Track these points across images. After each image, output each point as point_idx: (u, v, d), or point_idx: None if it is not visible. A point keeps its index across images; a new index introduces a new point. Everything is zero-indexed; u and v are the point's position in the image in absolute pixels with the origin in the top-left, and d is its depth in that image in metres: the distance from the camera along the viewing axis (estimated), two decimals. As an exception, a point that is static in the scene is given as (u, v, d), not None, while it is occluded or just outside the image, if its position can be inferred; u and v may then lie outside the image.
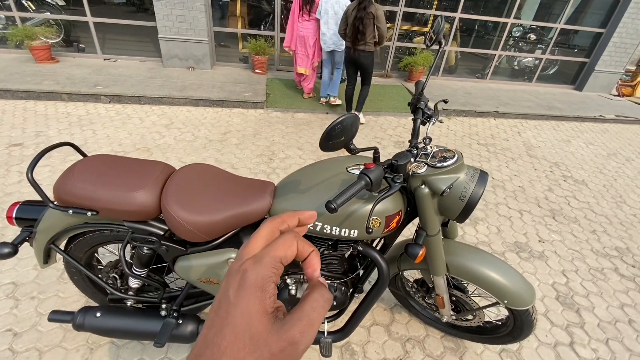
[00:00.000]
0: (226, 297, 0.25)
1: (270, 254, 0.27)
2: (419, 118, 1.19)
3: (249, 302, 0.24)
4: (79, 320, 1.23)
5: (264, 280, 0.25)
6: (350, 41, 3.60)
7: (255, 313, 0.24)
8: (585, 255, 2.43)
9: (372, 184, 0.87)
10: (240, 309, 0.24)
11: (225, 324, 0.23)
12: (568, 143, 4.48)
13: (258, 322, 0.23)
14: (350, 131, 0.79)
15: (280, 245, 0.28)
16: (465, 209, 1.01)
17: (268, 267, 0.26)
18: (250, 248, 0.28)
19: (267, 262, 0.26)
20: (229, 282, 0.26)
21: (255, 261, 0.26)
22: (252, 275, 0.25)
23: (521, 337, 1.39)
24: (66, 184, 1.04)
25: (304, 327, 0.25)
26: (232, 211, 1.09)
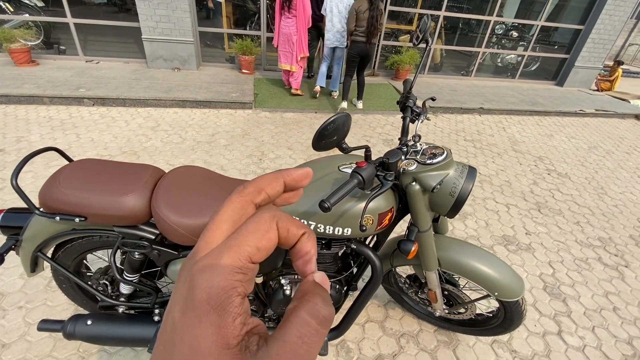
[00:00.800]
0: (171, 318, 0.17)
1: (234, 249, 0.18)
2: (408, 116, 1.21)
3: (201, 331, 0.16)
4: (69, 328, 1.20)
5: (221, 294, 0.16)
6: (364, 36, 3.99)
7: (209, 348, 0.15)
8: (570, 246, 2.51)
9: (365, 182, 0.88)
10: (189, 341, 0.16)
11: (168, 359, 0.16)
12: (551, 137, 4.60)
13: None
14: (342, 130, 0.80)
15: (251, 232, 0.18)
16: (455, 204, 1.04)
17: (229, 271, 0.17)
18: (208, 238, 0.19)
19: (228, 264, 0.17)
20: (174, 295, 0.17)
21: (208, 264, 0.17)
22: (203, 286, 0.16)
23: (512, 327, 1.43)
24: (52, 190, 1.02)
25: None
26: (224, 213, 1.08)
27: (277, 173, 0.22)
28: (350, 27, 4.00)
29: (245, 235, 0.18)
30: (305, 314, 0.17)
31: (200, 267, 0.17)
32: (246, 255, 0.18)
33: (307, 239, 0.21)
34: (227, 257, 0.17)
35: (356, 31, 4.00)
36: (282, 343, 0.16)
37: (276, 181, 0.22)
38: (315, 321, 0.17)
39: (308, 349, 0.16)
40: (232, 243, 0.18)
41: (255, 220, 0.19)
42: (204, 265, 0.17)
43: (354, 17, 3.92)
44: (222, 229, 0.19)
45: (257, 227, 0.19)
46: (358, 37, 4.04)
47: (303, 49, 4.46)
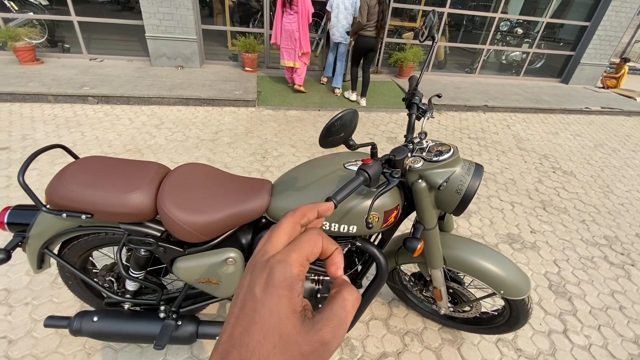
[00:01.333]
0: (252, 294, 0.24)
1: (297, 251, 0.26)
2: (414, 113, 1.20)
3: (278, 300, 0.23)
4: (75, 325, 1.21)
5: (293, 278, 0.24)
6: (374, 30, 4.10)
7: (285, 312, 0.23)
8: (575, 245, 2.49)
9: (371, 179, 0.87)
10: (269, 307, 0.23)
11: (252, 322, 0.22)
12: (556, 135, 4.57)
13: (287, 322, 0.23)
14: (349, 127, 0.79)
15: (307, 242, 0.27)
16: (461, 202, 1.03)
17: (296, 265, 0.25)
18: (274, 244, 0.27)
19: (295, 260, 0.25)
20: (254, 279, 0.25)
21: (282, 259, 0.25)
22: (281, 273, 0.24)
23: (517, 326, 1.42)
24: (59, 187, 1.02)
25: (335, 327, 0.24)
26: (229, 210, 1.08)
27: (313, 205, 0.33)
28: (363, 21, 4.05)
29: (304, 243, 0.27)
30: (345, 294, 0.27)
31: (277, 260, 0.25)
32: (305, 256, 0.27)
33: (338, 252, 0.31)
34: (294, 255, 0.26)
35: (366, 25, 4.08)
36: (330, 311, 0.25)
37: (313, 210, 0.32)
38: (352, 298, 0.26)
39: (347, 314, 0.25)
40: (297, 247, 0.27)
41: (309, 235, 0.28)
42: (278, 260, 0.25)
43: (366, 12, 4.00)
44: (282, 239, 0.28)
45: (310, 239, 0.28)
46: (367, 31, 4.12)
47: (303, 45, 4.48)
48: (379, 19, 4.06)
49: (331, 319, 0.24)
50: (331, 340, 0.24)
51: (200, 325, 1.30)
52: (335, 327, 0.24)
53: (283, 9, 4.32)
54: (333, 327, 0.24)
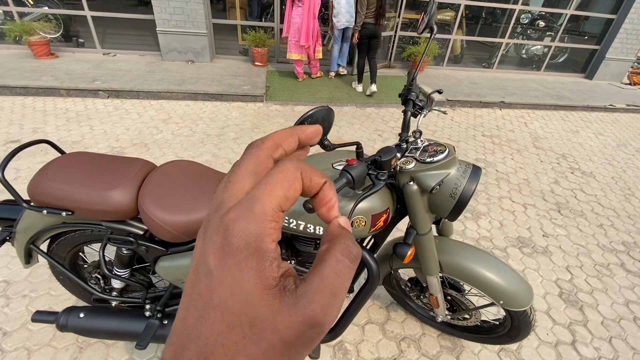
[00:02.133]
0: (206, 266, 0.17)
1: (263, 197, 0.18)
2: (409, 110, 1.13)
3: (242, 275, 0.16)
4: (62, 320, 1.21)
5: (258, 239, 0.17)
6: (373, 17, 4.24)
7: (253, 289, 0.16)
8: (591, 250, 2.35)
9: (354, 181, 0.81)
10: (229, 284, 0.16)
11: (209, 306, 0.16)
12: (576, 134, 4.35)
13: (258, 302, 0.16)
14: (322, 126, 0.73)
15: (278, 182, 0.19)
16: (456, 206, 0.96)
17: (262, 219, 0.18)
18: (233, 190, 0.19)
19: (261, 212, 0.18)
20: (206, 245, 0.18)
21: (242, 213, 0.17)
22: (240, 234, 0.17)
23: (519, 337, 1.33)
24: (39, 183, 1.01)
25: (326, 300, 0.17)
26: (212, 210, 1.04)
27: (291, 129, 0.24)
28: (362, 10, 4.17)
29: (273, 185, 0.19)
30: (338, 253, 0.19)
31: (234, 217, 0.17)
32: (276, 204, 0.18)
33: (329, 187, 0.22)
34: (259, 206, 0.18)
35: (366, 14, 4.22)
36: (320, 279, 0.18)
37: (292, 137, 0.23)
38: (348, 259, 0.19)
39: (343, 282, 0.18)
40: (262, 193, 0.18)
41: (281, 170, 0.19)
42: (237, 215, 0.17)
43: (366, 1, 4.14)
44: (245, 182, 0.20)
45: (284, 177, 0.19)
46: (368, 19, 4.26)
47: (302, 39, 4.50)
48: (378, 7, 4.19)
49: (321, 290, 0.17)
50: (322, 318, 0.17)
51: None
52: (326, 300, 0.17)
53: (293, 2, 4.35)
54: (324, 301, 0.17)
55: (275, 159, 0.22)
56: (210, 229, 0.18)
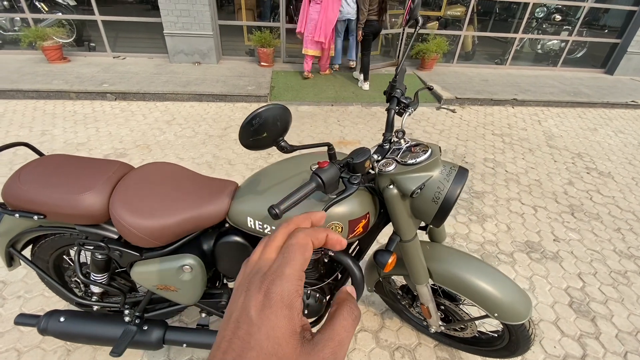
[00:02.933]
0: (247, 316, 0.22)
1: (290, 264, 0.24)
2: (393, 108, 1.06)
3: (277, 322, 0.21)
4: (43, 324, 1.19)
5: (291, 296, 0.23)
6: (376, 14, 4.32)
7: (284, 334, 0.21)
8: (606, 257, 2.20)
9: (325, 185, 0.76)
10: (266, 330, 0.21)
11: (247, 348, 0.21)
12: (594, 132, 4.13)
13: (286, 345, 0.21)
14: (274, 126, 0.68)
15: (297, 250, 0.25)
16: (439, 211, 0.88)
17: (293, 280, 0.23)
18: (267, 259, 0.26)
19: (291, 275, 0.24)
20: (248, 299, 0.23)
21: (277, 275, 0.23)
22: (278, 291, 0.23)
23: (518, 352, 1.24)
24: (12, 186, 0.99)
25: (335, 347, 0.23)
26: (186, 214, 1.00)
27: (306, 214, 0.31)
28: (365, 7, 4.22)
29: (295, 252, 0.25)
30: (345, 313, 0.25)
31: (272, 279, 0.23)
32: (300, 267, 0.25)
33: (331, 234, 0.29)
34: (289, 270, 0.24)
35: (370, 10, 4.28)
36: (330, 331, 0.24)
37: (307, 220, 0.30)
38: (351, 318, 0.25)
39: (347, 334, 0.24)
40: (289, 259, 0.25)
41: (296, 240, 0.26)
42: (274, 278, 0.24)
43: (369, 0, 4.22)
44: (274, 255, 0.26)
45: (299, 245, 0.26)
46: (371, 16, 4.32)
47: (316, 34, 4.53)
48: (380, 1, 4.25)
49: (332, 338, 0.23)
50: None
51: (167, 331, 1.24)
52: (335, 348, 0.23)
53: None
54: (334, 348, 0.23)
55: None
56: (252, 287, 0.24)
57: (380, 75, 5.47)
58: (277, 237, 0.27)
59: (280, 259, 0.25)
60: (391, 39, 6.13)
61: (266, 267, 0.25)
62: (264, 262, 0.25)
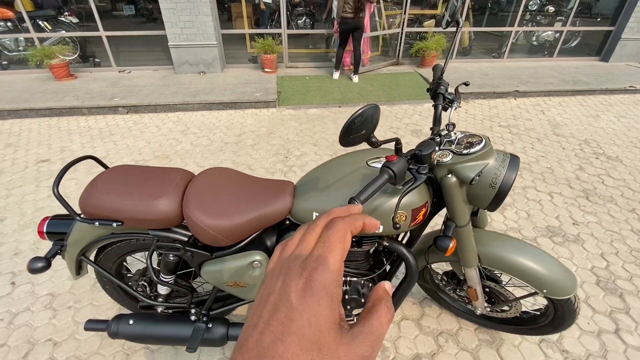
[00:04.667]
0: (287, 300, 0.22)
1: (332, 253, 0.24)
2: (439, 104, 1.14)
3: (319, 310, 0.22)
4: (113, 328, 1.25)
5: (333, 285, 0.23)
6: (352, 12, 4.57)
7: (326, 323, 0.22)
8: (625, 236, 2.29)
9: (396, 177, 0.83)
10: (308, 316, 0.21)
11: (287, 332, 0.21)
12: (597, 118, 4.24)
13: (328, 333, 0.21)
14: (370, 123, 0.75)
15: (338, 240, 0.25)
16: (496, 196, 0.96)
17: (334, 269, 0.24)
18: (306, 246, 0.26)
19: (333, 264, 0.24)
20: (288, 283, 0.23)
21: (321, 263, 0.24)
22: (320, 279, 0.23)
23: (563, 327, 1.32)
24: (90, 196, 1.06)
25: (373, 341, 0.23)
26: (253, 213, 1.07)
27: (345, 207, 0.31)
28: (340, 9, 4.58)
29: (335, 242, 0.25)
30: (382, 309, 0.25)
31: (314, 267, 0.23)
32: (340, 257, 0.25)
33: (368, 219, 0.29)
34: (331, 260, 0.24)
35: (345, 10, 4.58)
36: (369, 326, 0.23)
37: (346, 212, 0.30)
38: (389, 315, 0.25)
39: (384, 330, 0.24)
40: (330, 247, 0.25)
41: (336, 229, 0.26)
42: (316, 265, 0.23)
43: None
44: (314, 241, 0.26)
45: (339, 234, 0.26)
46: (347, 14, 4.61)
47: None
48: (356, 4, 4.52)
49: (371, 332, 0.23)
50: (370, 355, 0.23)
51: (230, 328, 1.31)
52: (373, 342, 0.23)
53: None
54: (372, 342, 0.23)
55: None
56: (293, 271, 0.24)
57: (382, 75, 5.57)
58: (317, 226, 0.27)
59: (321, 247, 0.25)
60: (389, 39, 6.25)
61: (306, 254, 0.25)
62: (304, 249, 0.25)
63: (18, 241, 2.16)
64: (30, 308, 1.75)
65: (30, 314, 1.72)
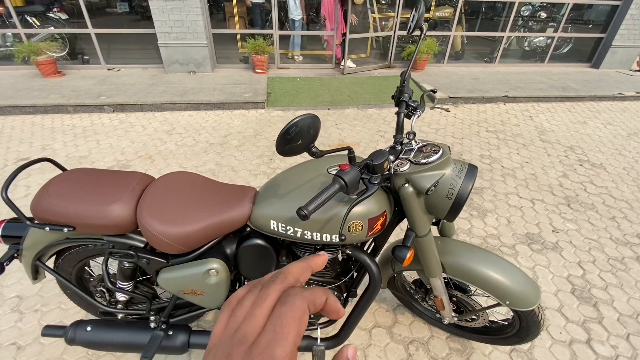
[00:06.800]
0: None
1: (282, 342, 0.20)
2: (402, 111, 1.12)
3: None
4: (70, 334, 1.22)
5: None
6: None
7: None
8: (603, 244, 2.29)
9: (347, 186, 0.81)
10: None
11: None
12: (584, 125, 4.26)
13: None
14: (307, 134, 0.73)
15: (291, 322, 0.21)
16: (453, 206, 0.94)
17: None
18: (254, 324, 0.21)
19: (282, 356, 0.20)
20: None
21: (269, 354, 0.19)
22: None
23: (529, 337, 1.30)
24: (41, 201, 1.03)
25: None
26: (210, 220, 1.05)
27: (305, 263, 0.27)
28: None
29: (288, 327, 0.21)
30: None
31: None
32: (293, 344, 0.20)
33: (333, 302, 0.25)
34: (280, 351, 0.20)
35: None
36: None
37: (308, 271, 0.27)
38: None
39: None
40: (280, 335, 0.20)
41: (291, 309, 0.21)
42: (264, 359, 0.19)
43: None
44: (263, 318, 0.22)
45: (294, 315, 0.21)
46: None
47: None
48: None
49: None
50: None
51: (192, 335, 1.28)
52: None
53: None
54: None
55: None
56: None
57: (373, 78, 5.57)
58: (269, 297, 0.23)
59: (271, 332, 0.21)
60: (382, 41, 6.25)
61: (252, 338, 0.21)
62: (251, 329, 0.21)
63: (-11, 242, 2.12)
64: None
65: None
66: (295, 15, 5.66)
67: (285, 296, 0.23)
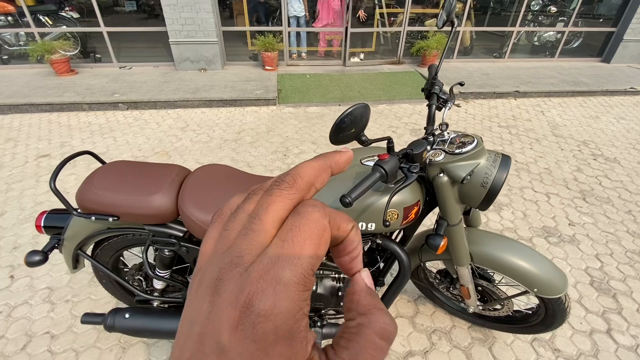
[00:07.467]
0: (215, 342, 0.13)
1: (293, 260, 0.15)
2: (434, 103, 1.15)
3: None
4: (109, 321, 1.27)
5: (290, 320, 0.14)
6: None
7: None
8: (620, 237, 2.30)
9: (387, 175, 0.84)
10: None
11: None
12: (597, 119, 4.24)
13: None
14: (360, 122, 0.76)
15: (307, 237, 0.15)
16: (487, 196, 0.97)
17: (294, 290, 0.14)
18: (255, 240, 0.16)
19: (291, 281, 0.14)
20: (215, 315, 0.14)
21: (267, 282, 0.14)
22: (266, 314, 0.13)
23: (554, 326, 1.33)
24: (87, 192, 1.07)
25: None
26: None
27: (323, 162, 0.20)
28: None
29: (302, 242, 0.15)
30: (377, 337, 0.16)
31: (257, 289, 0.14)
32: (308, 268, 0.15)
33: (355, 233, 0.19)
34: (288, 274, 0.14)
35: None
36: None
37: (325, 172, 0.19)
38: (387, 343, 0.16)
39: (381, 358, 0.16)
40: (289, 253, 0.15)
41: (307, 222, 0.16)
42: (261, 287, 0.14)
43: None
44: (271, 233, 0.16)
45: (311, 230, 0.16)
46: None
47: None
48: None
49: None
50: None
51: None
52: None
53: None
54: None
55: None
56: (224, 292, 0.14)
57: (383, 74, 5.57)
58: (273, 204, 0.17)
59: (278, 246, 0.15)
60: (390, 37, 6.24)
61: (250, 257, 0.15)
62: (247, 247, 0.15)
63: (17, 235, 2.18)
64: (28, 301, 1.77)
65: (28, 307, 1.74)
66: (298, 12, 5.63)
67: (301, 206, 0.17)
